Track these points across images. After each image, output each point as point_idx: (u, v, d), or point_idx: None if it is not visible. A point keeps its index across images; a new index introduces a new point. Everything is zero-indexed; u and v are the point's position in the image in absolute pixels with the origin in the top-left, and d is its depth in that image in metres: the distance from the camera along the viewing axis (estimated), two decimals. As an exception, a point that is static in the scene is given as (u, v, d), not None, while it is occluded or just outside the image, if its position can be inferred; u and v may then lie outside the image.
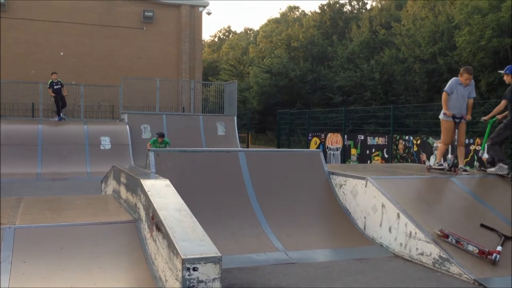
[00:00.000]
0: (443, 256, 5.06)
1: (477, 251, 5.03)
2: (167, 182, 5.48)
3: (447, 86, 7.58)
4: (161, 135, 12.48)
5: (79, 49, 23.04)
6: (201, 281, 3.73)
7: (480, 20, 17.77)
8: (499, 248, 5.08)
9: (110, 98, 21.21)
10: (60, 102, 16.70)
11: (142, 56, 24.18)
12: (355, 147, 16.04)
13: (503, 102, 7.49)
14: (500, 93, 18.25)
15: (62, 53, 22.84)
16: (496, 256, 4.94)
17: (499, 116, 7.66)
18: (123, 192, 6.29)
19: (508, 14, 16.78)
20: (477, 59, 18.67)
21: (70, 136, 15.32)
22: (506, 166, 7.32)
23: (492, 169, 7.46)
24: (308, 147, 18.57)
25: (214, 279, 3.77)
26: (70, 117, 18.74)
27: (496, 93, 18.45)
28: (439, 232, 5.32)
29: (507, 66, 7.62)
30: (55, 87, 16.61)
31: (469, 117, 7.54)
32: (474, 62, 18.57)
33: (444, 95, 7.54)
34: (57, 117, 16.67)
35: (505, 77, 7.60)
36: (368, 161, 15.21)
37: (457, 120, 7.44)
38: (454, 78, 7.63)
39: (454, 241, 5.19)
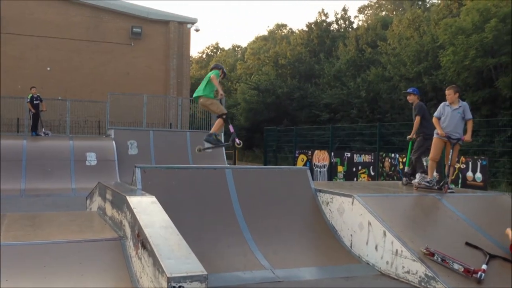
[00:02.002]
0: (429, 274, 5.08)
1: (463, 269, 5.05)
2: (153, 199, 5.45)
3: (436, 111, 7.83)
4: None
5: (66, 64, 22.97)
6: (187, 300, 3.69)
7: (464, 40, 18.08)
8: (484, 266, 5.11)
9: (96, 113, 21.10)
10: (38, 118, 16.55)
11: (130, 72, 24.17)
12: (342, 164, 16.11)
13: (418, 119, 8.26)
14: (484, 111, 18.57)
15: (49, 68, 22.74)
16: (481, 275, 4.97)
17: (414, 135, 8.40)
18: (109, 209, 6.23)
19: (492, 35, 17.10)
20: (461, 78, 18.95)
21: (55, 152, 15.16)
22: (424, 175, 8.03)
23: (416, 180, 8.04)
24: (295, 164, 18.61)
25: (200, 298, 3.74)
26: (55, 132, 18.57)
27: (480, 111, 18.72)
28: (425, 250, 5.34)
29: (412, 88, 8.76)
30: (34, 102, 16.48)
31: (468, 138, 7.66)
32: (459, 82, 18.84)
33: (434, 120, 7.80)
34: (32, 133, 16.48)
35: (409, 97, 8.60)
36: (355, 179, 15.27)
37: (453, 141, 7.56)
38: (442, 103, 7.87)
39: (439, 259, 5.21)
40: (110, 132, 17.27)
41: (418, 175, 8.20)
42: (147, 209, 5.08)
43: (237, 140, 8.32)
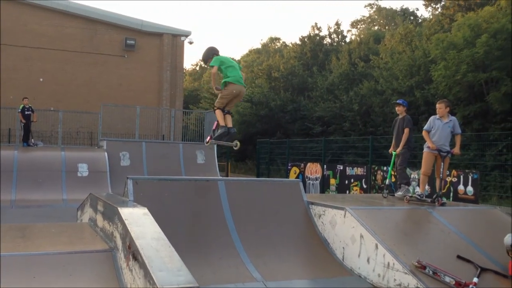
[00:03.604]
0: (420, 287, 5.08)
1: (454, 282, 5.06)
2: (145, 210, 5.42)
3: (426, 125, 7.96)
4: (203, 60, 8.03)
5: (59, 76, 22.95)
6: (178, 312, 3.66)
7: (455, 55, 18.30)
8: (475, 279, 5.12)
9: (89, 124, 21.04)
10: (29, 129, 16.49)
11: (123, 83, 24.19)
12: (334, 177, 16.14)
13: (407, 131, 8.48)
14: (475, 126, 18.73)
15: (41, 79, 22.70)
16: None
17: (397, 150, 8.64)
18: (100, 220, 6.18)
19: (483, 50, 17.32)
20: (452, 92, 19.14)
21: (46, 163, 15.05)
22: (407, 187, 8.39)
23: (400, 193, 8.33)
24: (287, 176, 18.62)
25: (191, 310, 3.71)
26: (47, 143, 18.48)
27: (471, 125, 18.88)
28: (416, 263, 5.35)
29: (401, 100, 8.99)
30: (26, 112, 16.43)
31: (457, 151, 7.76)
32: (450, 96, 19.03)
33: (424, 133, 7.91)
34: (23, 143, 16.41)
35: (398, 108, 8.79)
36: (347, 191, 15.30)
37: (443, 154, 7.64)
38: (432, 116, 8.03)
39: (431, 272, 5.21)
40: (102, 143, 17.21)
41: (402, 187, 8.41)
42: (139, 220, 5.05)
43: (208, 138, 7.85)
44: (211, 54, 7.48)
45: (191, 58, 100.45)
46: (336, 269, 6.11)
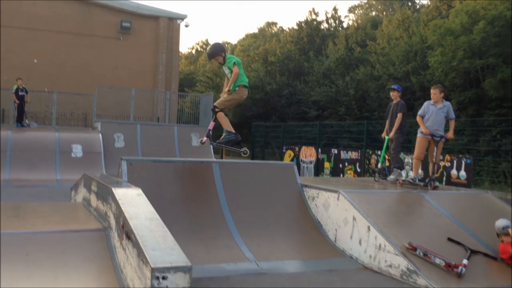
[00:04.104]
0: (411, 268, 5.14)
1: (444, 264, 5.13)
2: (139, 191, 5.43)
3: (420, 110, 7.98)
4: (209, 57, 7.29)
5: (54, 57, 22.73)
6: (170, 290, 3.70)
7: (452, 41, 18.26)
8: (465, 261, 5.19)
9: (83, 106, 20.93)
10: (22, 109, 16.41)
11: (119, 66, 24.00)
12: (329, 160, 16.19)
13: (400, 115, 8.53)
14: (470, 111, 18.79)
15: (36, 61, 22.50)
16: (462, 269, 5.04)
17: (390, 134, 8.69)
18: (93, 200, 6.20)
19: (480, 37, 17.29)
20: (448, 78, 19.14)
21: (40, 143, 15.02)
22: (400, 171, 8.47)
23: (392, 176, 8.43)
24: (282, 159, 18.66)
25: (183, 288, 3.75)
26: (41, 124, 18.40)
27: (466, 111, 18.93)
28: (407, 245, 5.41)
29: (396, 85, 9.02)
30: (19, 93, 16.33)
31: (450, 136, 7.82)
32: (446, 82, 19.04)
33: (418, 118, 7.94)
34: (17, 124, 16.34)
35: (392, 93, 8.84)
36: (341, 175, 15.37)
37: (436, 139, 7.67)
38: (426, 101, 8.05)
39: (421, 254, 5.28)
40: (96, 125, 17.17)
41: (394, 171, 8.50)
42: (133, 201, 5.07)
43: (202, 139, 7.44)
44: (220, 51, 7.05)
45: (187, 41, 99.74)
46: (328, 251, 6.16)
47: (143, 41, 24.86)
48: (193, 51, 71.02)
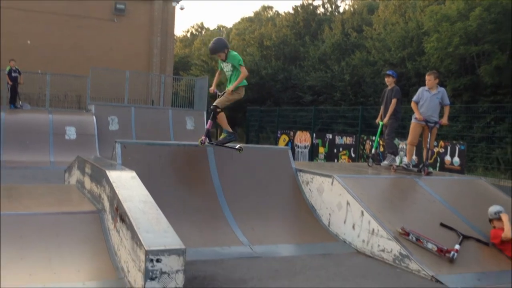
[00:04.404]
0: (403, 253, 5.18)
1: (436, 249, 5.17)
2: (133, 174, 5.42)
3: (415, 96, 7.96)
4: (211, 52, 6.81)
5: (47, 38, 22.45)
6: (164, 273, 3.72)
7: (448, 27, 18.20)
8: (457, 246, 5.23)
9: (77, 88, 20.72)
10: (16, 91, 16.27)
11: (113, 48, 23.75)
12: (323, 145, 16.21)
13: (395, 101, 8.53)
14: (465, 98, 18.81)
15: (29, 42, 22.23)
16: (453, 254, 5.09)
17: (384, 120, 8.73)
18: (87, 183, 6.19)
19: (476, 23, 17.24)
20: (444, 65, 19.12)
21: (33, 125, 14.93)
22: (393, 156, 8.56)
23: (386, 162, 8.54)
24: (277, 144, 18.66)
25: (177, 271, 3.76)
26: (35, 106, 18.25)
27: (461, 98, 18.95)
28: (400, 230, 5.45)
29: (392, 71, 9.02)
30: (12, 74, 16.17)
31: (445, 121, 7.83)
32: (441, 68, 19.02)
33: (412, 104, 7.93)
34: (10, 105, 16.20)
35: (388, 79, 8.84)
36: (335, 160, 15.40)
37: (430, 125, 7.68)
38: (421, 87, 8.03)
39: (414, 238, 5.32)
40: (90, 107, 17.05)
41: (388, 156, 8.57)
42: (127, 183, 5.06)
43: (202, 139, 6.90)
44: (223, 47, 6.63)
45: (182, 24, 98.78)
46: (321, 235, 6.20)
47: (137, 23, 24.58)
48: (188, 34, 70.47)
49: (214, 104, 6.70)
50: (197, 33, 70.12)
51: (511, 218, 5.70)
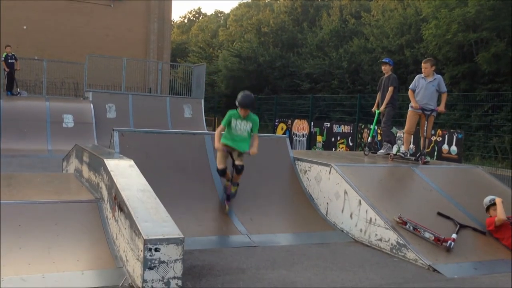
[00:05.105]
0: (401, 242, 5.21)
1: (433, 238, 5.20)
2: (131, 162, 5.41)
3: (412, 84, 7.94)
4: (246, 104, 6.14)
5: (43, 24, 22.28)
6: (163, 262, 3.73)
7: (447, 14, 18.11)
8: (454, 235, 5.26)
9: (74, 75, 20.65)
10: (13, 77, 16.17)
11: (109, 34, 23.62)
12: (321, 134, 16.22)
13: (392, 89, 8.48)
14: (463, 86, 18.79)
15: (25, 27, 22.05)
16: (450, 243, 5.12)
17: (381, 108, 8.66)
18: (85, 171, 6.18)
19: (474, 10, 17.16)
20: (442, 52, 19.07)
21: (31, 113, 14.87)
22: (390, 145, 8.53)
23: (382, 151, 8.54)
24: (274, 132, 18.66)
25: (176, 260, 3.78)
26: (31, 93, 18.17)
27: (459, 86, 18.93)
28: (397, 219, 5.47)
29: (388, 58, 8.93)
30: (9, 61, 16.05)
31: (442, 109, 7.80)
32: (439, 55, 18.97)
33: (409, 92, 7.90)
34: (7, 92, 16.11)
35: (384, 67, 8.76)
36: (333, 149, 15.42)
37: (427, 113, 7.67)
38: (417, 75, 8.00)
39: (411, 228, 5.34)
40: (88, 95, 16.98)
41: (384, 145, 8.58)
42: (125, 172, 5.06)
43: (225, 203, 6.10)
44: (254, 105, 6.36)
45: (179, 10, 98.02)
46: (319, 224, 6.23)
47: (134, 8, 24.41)
48: (186, 20, 69.97)
49: (242, 164, 6.02)
50: (194, 19, 69.61)
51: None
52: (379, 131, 11.87)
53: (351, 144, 14.99)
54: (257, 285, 4.12)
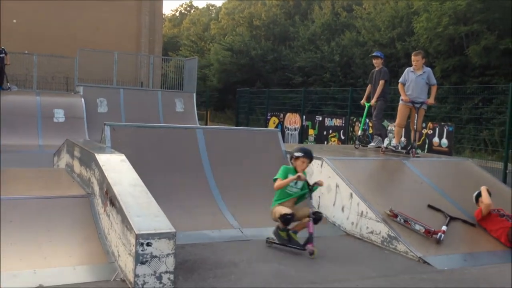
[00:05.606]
0: (392, 234, 5.25)
1: (423, 230, 5.24)
2: (123, 157, 5.40)
3: (401, 77, 7.94)
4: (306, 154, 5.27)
5: (34, 17, 22.04)
6: (155, 256, 3.74)
7: (438, 7, 18.18)
8: (444, 227, 5.31)
9: (65, 69, 20.48)
10: (3, 72, 16.02)
11: (101, 28, 23.42)
12: (313, 127, 16.24)
13: (382, 83, 8.46)
14: (454, 79, 18.88)
15: (15, 21, 21.83)
16: (440, 235, 5.17)
17: (372, 102, 8.67)
18: (77, 166, 6.16)
19: (465, 3, 17.23)
20: (433, 45, 19.15)
21: (21, 107, 14.73)
22: (380, 138, 8.58)
23: (373, 144, 8.57)
24: (266, 126, 18.66)
25: (168, 255, 3.79)
26: (22, 87, 18.01)
27: (450, 79, 19.03)
28: (389, 212, 5.51)
29: (379, 52, 8.98)
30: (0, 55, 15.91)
31: (431, 101, 7.83)
32: (430, 49, 19.05)
33: (399, 86, 7.91)
34: None
35: (376, 60, 8.73)
36: (325, 142, 15.46)
37: (417, 106, 7.70)
38: (406, 68, 8.01)
39: (402, 220, 5.38)
40: (79, 89, 16.85)
41: (375, 138, 8.63)
42: (116, 167, 5.05)
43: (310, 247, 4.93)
44: None
45: (171, 3, 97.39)
46: (311, 217, 6.24)
47: (125, 2, 24.21)
48: (177, 14, 69.57)
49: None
50: (186, 12, 69.23)
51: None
52: (370, 124, 11.91)
53: (343, 137, 15.03)
54: (249, 278, 4.14)
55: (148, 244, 3.73)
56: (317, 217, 5.05)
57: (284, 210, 5.02)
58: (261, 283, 4.05)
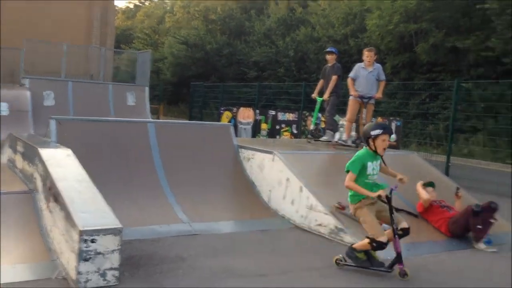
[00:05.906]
0: (339, 226, 5.37)
1: (370, 222, 5.37)
2: (69, 152, 5.26)
3: (351, 72, 8.07)
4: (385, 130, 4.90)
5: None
6: (99, 253, 3.68)
7: (390, 5, 18.65)
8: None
9: (10, 61, 19.62)
10: None
11: (48, 18, 22.55)
12: (266, 122, 16.32)
13: (335, 78, 8.54)
14: (403, 75, 19.43)
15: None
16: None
17: (324, 97, 8.75)
18: (19, 162, 5.95)
19: (415, 1, 17.76)
20: (384, 42, 19.63)
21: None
22: (332, 133, 8.79)
23: (325, 137, 8.76)
24: (219, 120, 18.59)
25: (113, 251, 3.73)
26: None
27: (399, 75, 19.58)
28: (337, 204, 5.63)
29: (334, 48, 9.19)
30: None
31: (378, 95, 8.01)
32: (382, 46, 19.52)
33: (348, 80, 8.08)
34: None
35: (330, 56, 8.84)
36: (277, 136, 15.57)
37: (365, 100, 7.87)
38: (357, 64, 8.15)
39: (349, 212, 5.50)
40: (24, 82, 16.20)
41: (327, 133, 8.77)
42: (61, 162, 4.91)
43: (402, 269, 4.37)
44: None
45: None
46: (261, 211, 6.30)
47: (75, -8, 23.45)
48: (131, 6, 68.06)
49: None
50: (140, 4, 67.83)
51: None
52: (322, 119, 12.09)
53: (295, 131, 15.19)
54: (196, 273, 4.13)
55: (93, 241, 3.67)
56: (405, 234, 4.33)
57: (382, 236, 4.28)
58: (209, 278, 4.05)
